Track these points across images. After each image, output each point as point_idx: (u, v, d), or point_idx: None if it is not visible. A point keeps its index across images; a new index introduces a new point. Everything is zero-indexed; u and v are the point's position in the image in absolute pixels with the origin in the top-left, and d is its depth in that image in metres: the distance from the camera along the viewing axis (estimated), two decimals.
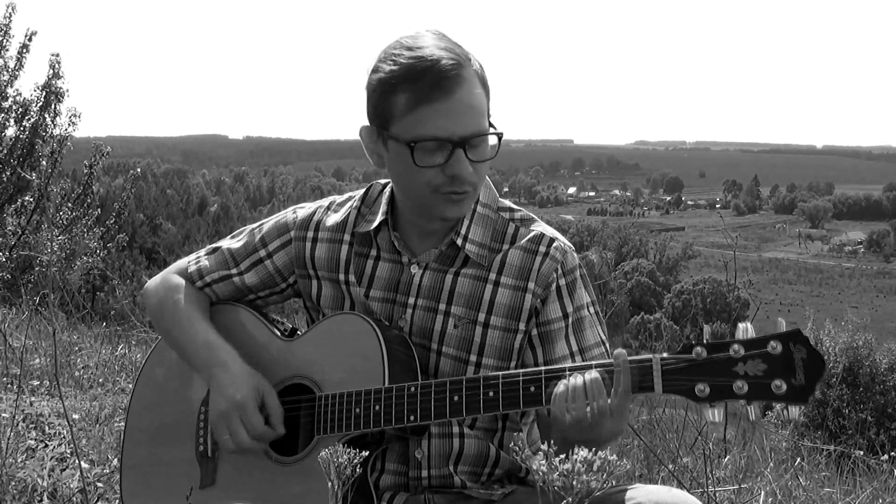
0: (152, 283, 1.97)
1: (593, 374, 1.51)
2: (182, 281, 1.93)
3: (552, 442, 1.11)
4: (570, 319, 1.76)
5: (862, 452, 4.87)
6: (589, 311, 1.79)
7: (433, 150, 1.61)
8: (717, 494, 3.04)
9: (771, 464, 3.91)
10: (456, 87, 1.59)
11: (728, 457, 3.76)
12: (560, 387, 1.52)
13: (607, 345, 1.79)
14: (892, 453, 4.76)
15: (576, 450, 1.07)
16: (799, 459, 4.30)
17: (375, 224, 1.80)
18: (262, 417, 1.70)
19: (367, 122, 1.72)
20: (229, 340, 1.83)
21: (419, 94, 1.59)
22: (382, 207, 1.81)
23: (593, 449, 1.07)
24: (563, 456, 1.06)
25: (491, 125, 1.67)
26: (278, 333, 1.86)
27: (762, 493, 3.29)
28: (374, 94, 1.66)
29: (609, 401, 1.50)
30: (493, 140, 1.68)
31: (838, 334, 9.18)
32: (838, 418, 8.74)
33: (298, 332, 1.88)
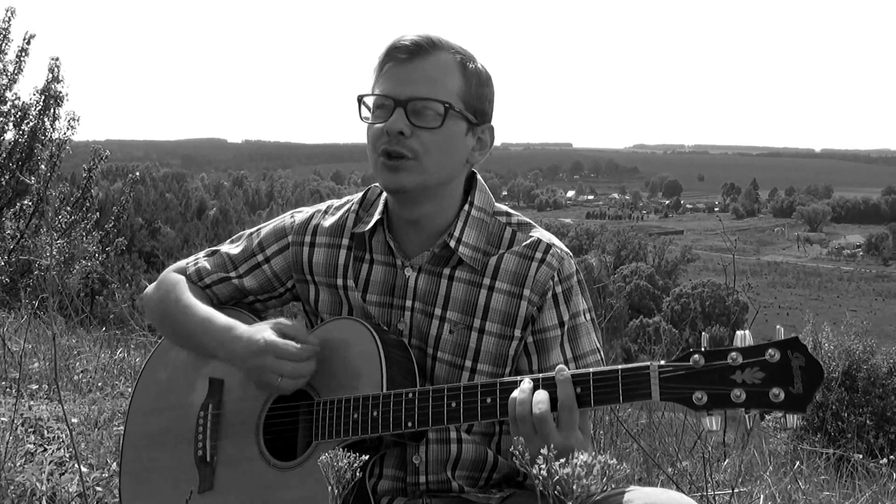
0: (151, 286, 1.98)
1: (540, 385, 1.52)
2: (182, 277, 1.93)
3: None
4: (566, 327, 1.76)
5: (861, 456, 4.87)
6: (585, 318, 1.79)
7: (378, 107, 1.71)
8: (716, 498, 3.04)
9: (770, 467, 3.91)
10: (414, 56, 1.68)
11: (727, 460, 3.76)
12: (514, 392, 1.53)
13: (602, 352, 1.79)
14: (892, 457, 4.76)
15: (576, 453, 1.07)
16: (798, 463, 4.30)
17: (370, 225, 1.80)
18: (292, 342, 1.68)
19: None
20: None
21: (382, 59, 1.71)
22: (379, 208, 1.82)
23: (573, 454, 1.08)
24: (563, 460, 1.06)
25: (467, 116, 1.70)
26: None
27: (761, 496, 3.29)
28: None
29: (552, 412, 1.49)
30: (462, 125, 1.71)
31: (837, 338, 9.18)
32: (837, 422, 8.73)
33: None
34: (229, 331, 1.75)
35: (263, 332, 1.70)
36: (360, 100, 1.73)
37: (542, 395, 1.50)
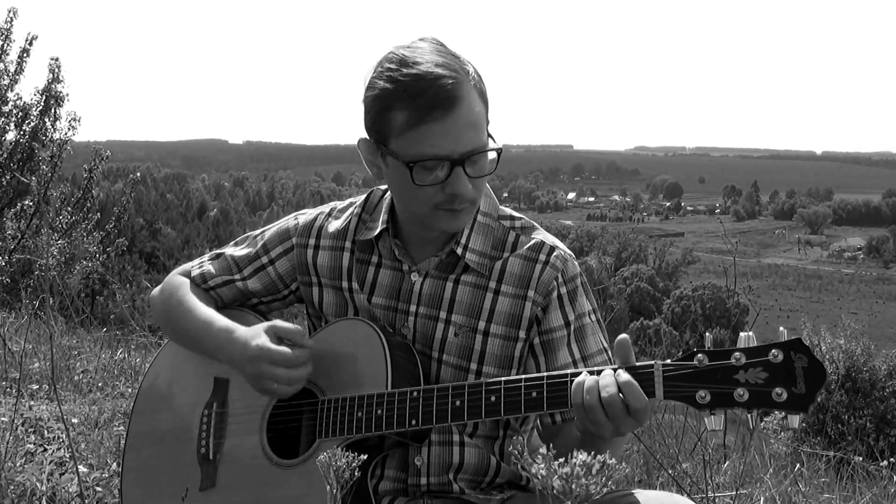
0: (157, 289, 2.00)
1: (624, 376, 1.49)
2: (185, 280, 1.95)
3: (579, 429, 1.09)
4: (572, 327, 1.76)
5: (861, 458, 4.87)
6: (590, 318, 1.79)
7: (432, 169, 1.60)
8: (716, 500, 3.04)
9: (770, 470, 3.91)
10: (455, 105, 1.57)
11: (727, 462, 3.76)
12: (577, 378, 1.52)
13: (609, 352, 1.78)
14: (892, 459, 4.76)
15: (575, 453, 1.07)
16: (798, 465, 4.30)
17: (377, 232, 1.80)
18: (287, 348, 1.67)
19: (364, 134, 1.70)
20: None
21: (417, 112, 1.56)
22: (383, 216, 1.81)
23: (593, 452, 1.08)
24: (562, 460, 1.06)
25: (490, 137, 1.67)
26: None
27: (761, 499, 3.29)
28: (371, 110, 1.64)
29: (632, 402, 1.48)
30: (492, 154, 1.67)
31: (836, 340, 9.19)
32: (838, 424, 8.74)
33: None
34: (227, 334, 1.76)
35: (258, 337, 1.69)
36: (412, 166, 1.60)
37: (608, 380, 1.49)
